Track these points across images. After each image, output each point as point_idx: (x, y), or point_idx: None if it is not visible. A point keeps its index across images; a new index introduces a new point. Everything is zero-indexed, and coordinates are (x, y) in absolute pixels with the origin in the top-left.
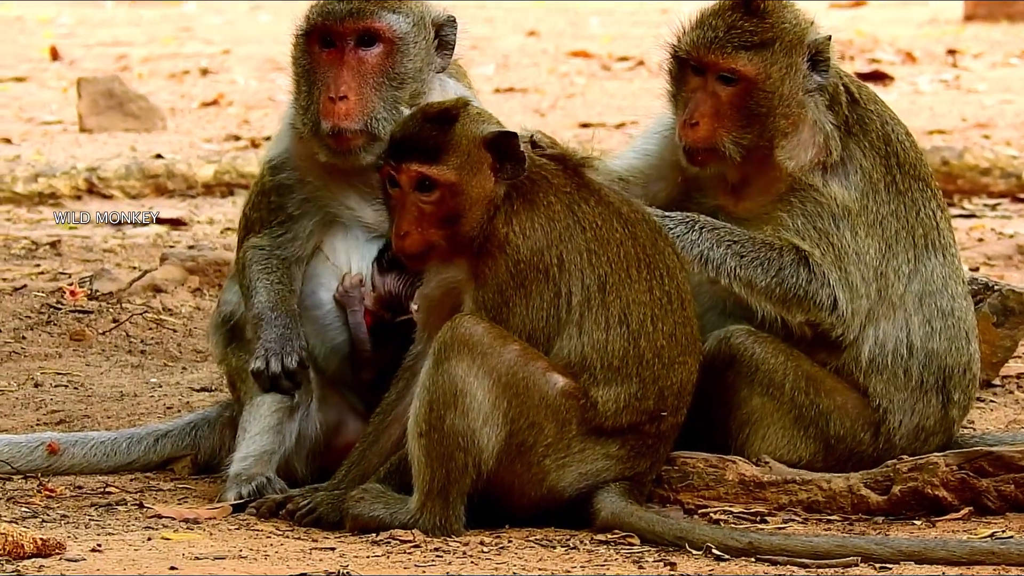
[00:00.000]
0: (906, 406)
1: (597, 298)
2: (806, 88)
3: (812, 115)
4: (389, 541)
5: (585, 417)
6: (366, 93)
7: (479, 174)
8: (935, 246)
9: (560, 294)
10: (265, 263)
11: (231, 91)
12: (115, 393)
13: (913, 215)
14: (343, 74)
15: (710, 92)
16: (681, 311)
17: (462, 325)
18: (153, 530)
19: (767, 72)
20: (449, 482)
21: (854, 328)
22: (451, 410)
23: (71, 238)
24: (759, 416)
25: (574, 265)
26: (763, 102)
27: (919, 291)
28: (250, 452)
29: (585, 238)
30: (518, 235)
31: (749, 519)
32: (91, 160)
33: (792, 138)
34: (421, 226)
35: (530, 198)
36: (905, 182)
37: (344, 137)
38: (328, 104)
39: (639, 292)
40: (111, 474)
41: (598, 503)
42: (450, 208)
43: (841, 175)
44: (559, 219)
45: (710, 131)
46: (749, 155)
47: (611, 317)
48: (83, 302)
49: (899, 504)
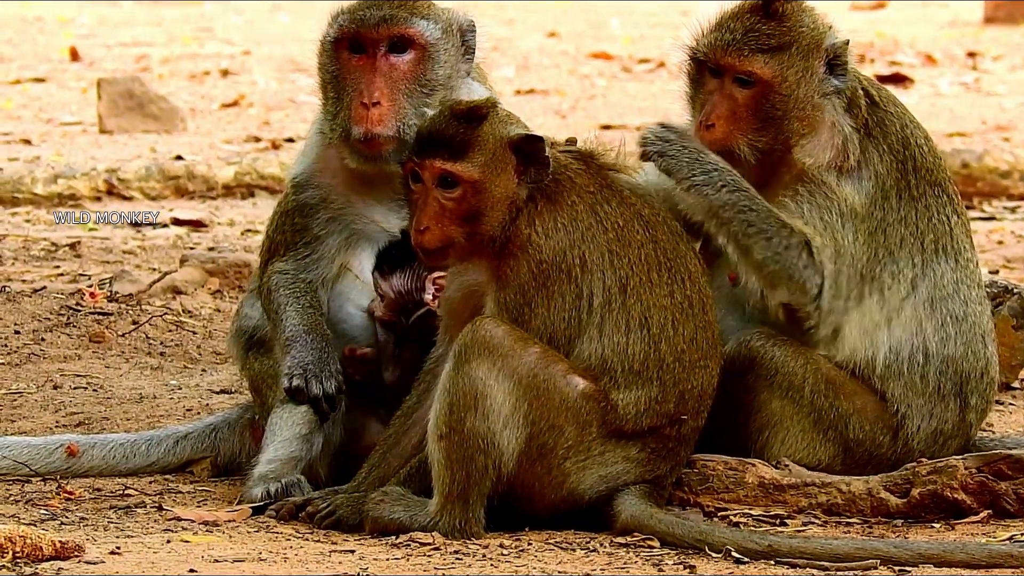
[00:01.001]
0: (924, 411)
1: (618, 300)
2: (823, 91)
3: (830, 118)
4: (408, 544)
5: (606, 420)
6: (398, 99)
7: (503, 175)
8: (946, 251)
9: (582, 295)
10: (292, 287)
11: (251, 92)
12: (134, 395)
13: (925, 221)
14: (376, 80)
15: (727, 94)
16: (702, 315)
17: (483, 327)
18: (172, 532)
19: (783, 75)
20: (469, 484)
21: (827, 324)
22: (471, 412)
23: (90, 239)
24: (778, 419)
25: (596, 266)
26: (779, 105)
27: (928, 296)
28: (278, 455)
29: (607, 239)
30: (540, 235)
31: (769, 522)
32: (111, 161)
33: (810, 139)
34: (441, 222)
35: (554, 198)
36: (920, 187)
37: (376, 142)
38: (360, 110)
39: (660, 296)
40: (130, 476)
41: (618, 506)
42: (471, 206)
43: (855, 179)
44: (582, 219)
45: (726, 133)
46: (764, 158)
47: (632, 320)
48: (103, 304)
49: (918, 507)
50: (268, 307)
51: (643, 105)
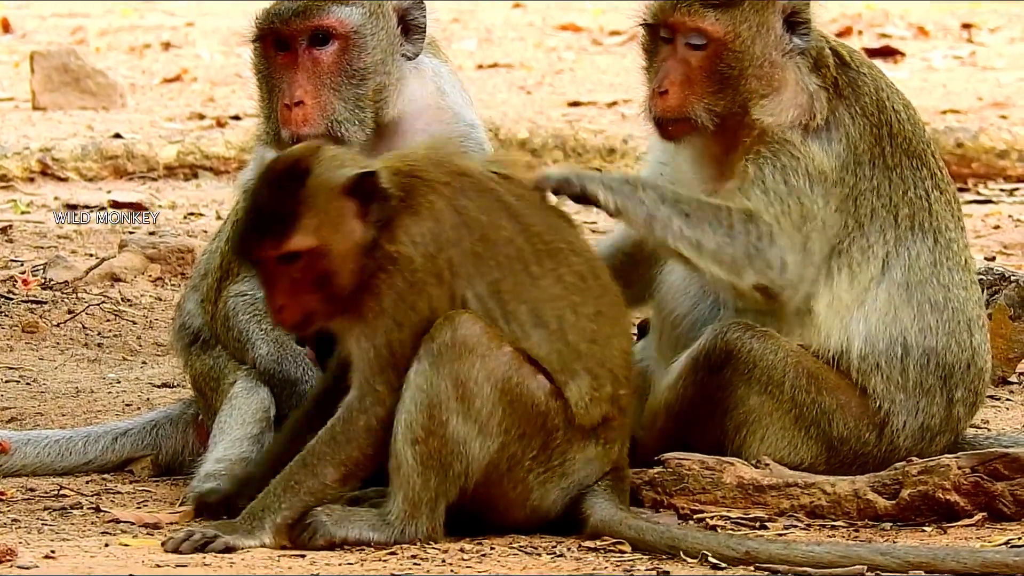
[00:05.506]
0: (908, 406)
1: (497, 310)
2: (783, 50)
3: (793, 77)
4: (363, 548)
5: (568, 418)
6: (324, 95)
7: (343, 226)
8: (923, 228)
9: (455, 300)
10: (252, 310)
11: (195, 66)
12: (70, 389)
13: (899, 193)
14: (297, 77)
15: (679, 59)
16: (597, 283)
17: (462, 324)
18: (111, 535)
19: (736, 31)
20: (439, 492)
21: (799, 293)
22: (453, 415)
23: (23, 223)
24: (757, 416)
25: (464, 270)
26: (733, 63)
27: (903, 280)
28: (227, 455)
29: (472, 240)
30: (408, 245)
31: (748, 525)
32: (45, 140)
33: (771, 99)
34: (296, 297)
35: (411, 205)
36: (895, 156)
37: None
38: (285, 111)
39: (547, 287)
40: (66, 475)
41: (587, 509)
42: (320, 271)
43: (824, 139)
44: (444, 219)
45: (680, 99)
46: (724, 123)
47: (525, 324)
48: (36, 292)
49: (908, 509)
50: (228, 335)
51: (614, 80)
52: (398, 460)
